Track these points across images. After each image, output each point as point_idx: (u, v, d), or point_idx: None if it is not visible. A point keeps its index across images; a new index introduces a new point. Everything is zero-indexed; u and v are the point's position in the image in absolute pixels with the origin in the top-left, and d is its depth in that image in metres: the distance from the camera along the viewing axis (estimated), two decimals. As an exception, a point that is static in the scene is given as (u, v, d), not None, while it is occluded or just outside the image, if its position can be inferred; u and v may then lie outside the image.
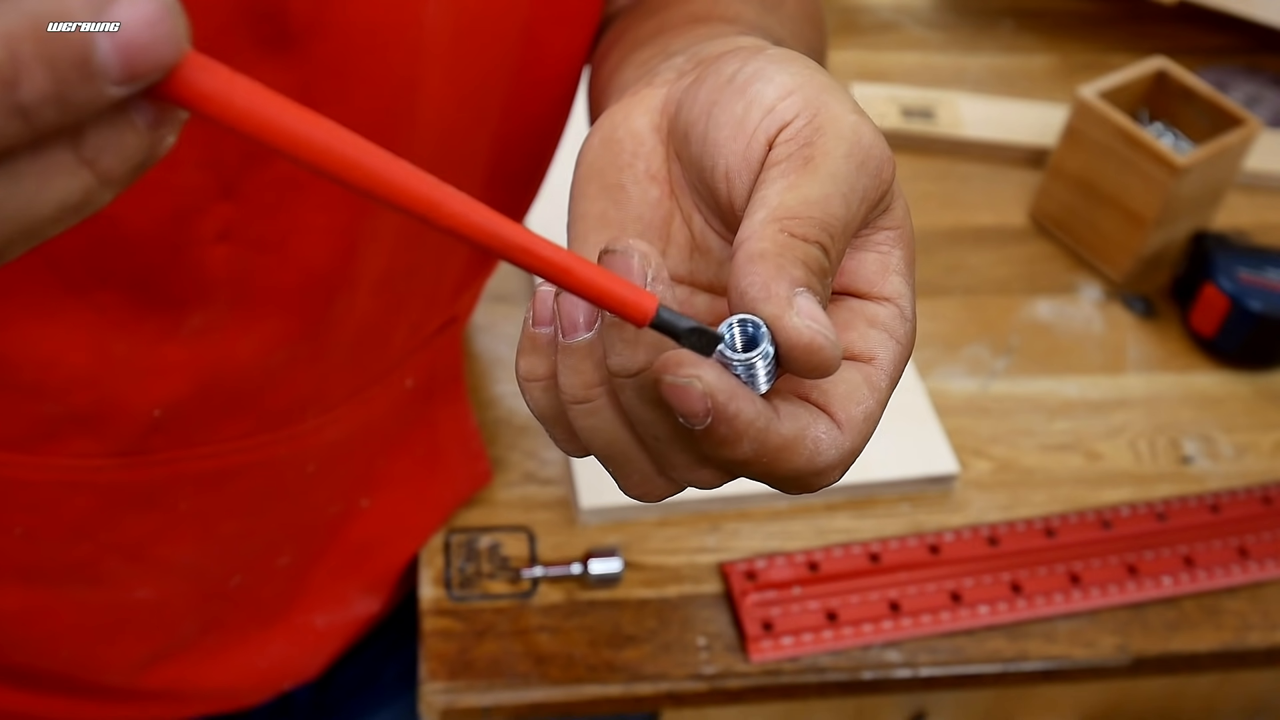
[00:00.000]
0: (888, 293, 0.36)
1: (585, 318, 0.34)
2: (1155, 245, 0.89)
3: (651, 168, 0.40)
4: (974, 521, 0.76)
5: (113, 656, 0.64)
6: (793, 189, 0.34)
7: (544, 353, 0.36)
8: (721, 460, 0.33)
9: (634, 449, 0.36)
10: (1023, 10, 1.15)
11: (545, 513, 0.73)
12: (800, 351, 0.32)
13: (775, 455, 0.33)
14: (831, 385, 0.34)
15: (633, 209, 0.40)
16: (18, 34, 0.23)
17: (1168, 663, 0.72)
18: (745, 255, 0.33)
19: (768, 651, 0.68)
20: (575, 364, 0.35)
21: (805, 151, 0.34)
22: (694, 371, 0.31)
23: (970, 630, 0.71)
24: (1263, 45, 1.12)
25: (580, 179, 0.41)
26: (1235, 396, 0.85)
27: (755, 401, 0.32)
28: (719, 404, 0.31)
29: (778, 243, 0.32)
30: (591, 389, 0.35)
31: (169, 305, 0.49)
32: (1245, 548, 0.76)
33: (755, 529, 0.74)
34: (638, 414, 0.34)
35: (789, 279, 0.32)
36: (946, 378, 0.83)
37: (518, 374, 0.37)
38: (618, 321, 0.33)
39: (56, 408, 0.51)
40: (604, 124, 0.41)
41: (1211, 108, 0.90)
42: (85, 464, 0.53)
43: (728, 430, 0.32)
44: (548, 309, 0.36)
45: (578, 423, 0.36)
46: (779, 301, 0.32)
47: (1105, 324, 0.89)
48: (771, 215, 0.33)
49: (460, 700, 0.66)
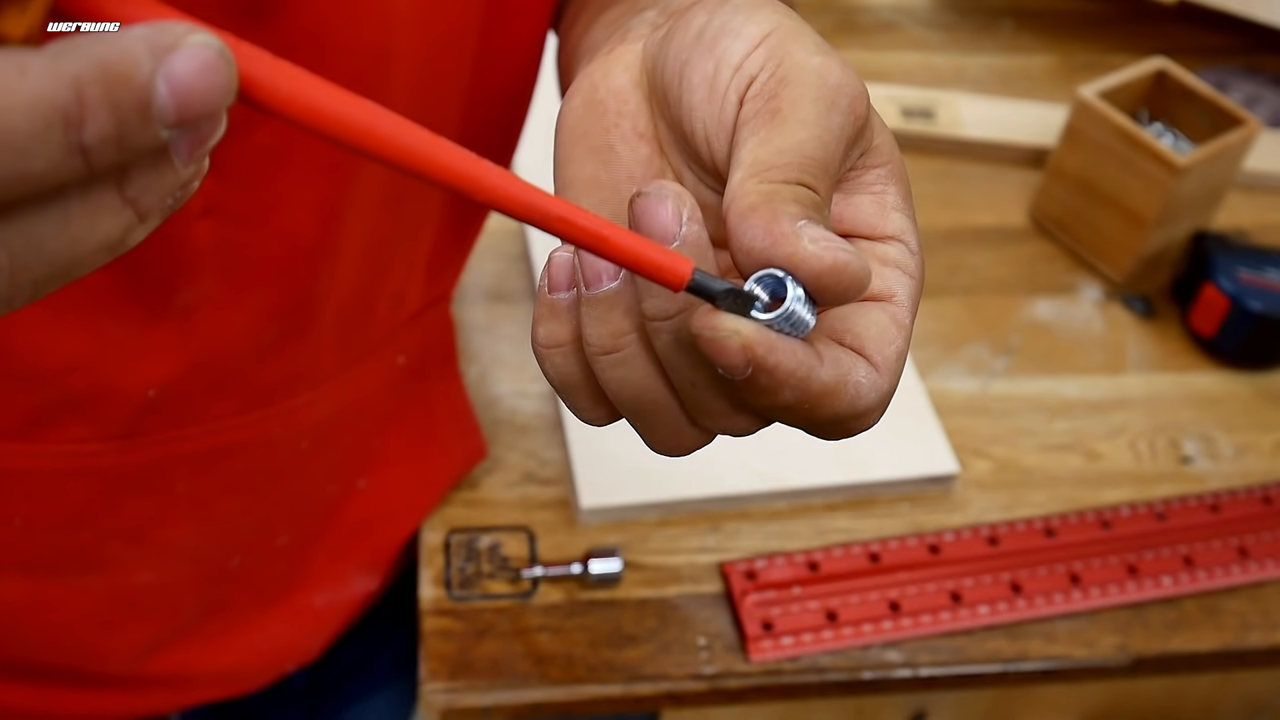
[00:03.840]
0: (891, 230, 0.36)
1: (610, 266, 0.34)
2: (1155, 245, 0.89)
3: (638, 125, 0.39)
4: (974, 521, 0.76)
5: (115, 645, 0.64)
6: (765, 143, 0.33)
7: (563, 318, 0.35)
8: (763, 408, 0.33)
9: (665, 398, 0.35)
10: (1023, 10, 1.15)
11: (545, 513, 0.73)
12: (828, 276, 0.31)
13: (817, 401, 0.32)
14: (863, 328, 0.34)
15: (624, 169, 0.39)
16: (85, 77, 0.24)
17: (1168, 663, 0.72)
18: (736, 215, 0.32)
19: (768, 651, 0.68)
20: (602, 314, 0.34)
21: (772, 105, 0.34)
22: (731, 325, 0.31)
23: (970, 630, 0.71)
24: (1263, 45, 1.12)
25: (564, 144, 0.40)
26: (1235, 396, 0.85)
27: (796, 350, 0.32)
28: (758, 356, 0.31)
29: (762, 192, 0.32)
30: (621, 338, 0.34)
31: (157, 284, 0.49)
32: (1245, 548, 0.76)
33: (755, 529, 0.74)
34: (673, 360, 0.34)
35: (788, 216, 0.31)
36: (946, 378, 0.83)
37: (536, 343, 0.36)
38: None
39: (52, 393, 0.51)
40: (582, 85, 0.40)
41: (1211, 108, 0.90)
42: (82, 449, 0.54)
43: (769, 380, 0.31)
44: (565, 273, 0.35)
45: (605, 375, 0.35)
46: (787, 239, 0.31)
47: (1105, 324, 0.89)
48: (748, 173, 0.33)
49: (460, 700, 0.66)
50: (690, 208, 0.32)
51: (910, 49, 1.10)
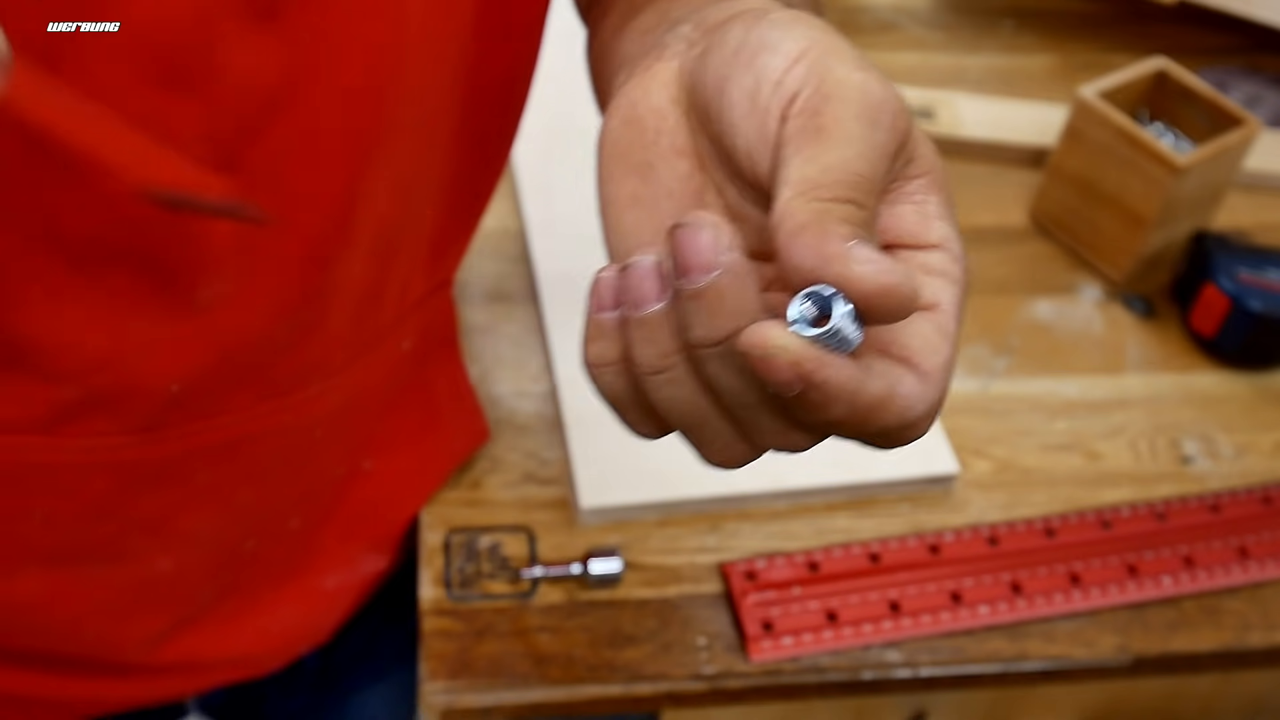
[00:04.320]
0: (934, 239, 0.36)
1: (655, 289, 0.34)
2: (1155, 245, 0.89)
3: (677, 143, 0.40)
4: (974, 521, 0.76)
5: (131, 632, 0.64)
6: (811, 161, 0.34)
7: (611, 337, 0.36)
8: (814, 423, 0.34)
9: (715, 416, 0.36)
10: (1023, 10, 1.15)
11: (545, 513, 0.73)
12: (876, 297, 0.31)
13: (867, 414, 0.33)
14: (908, 339, 0.35)
15: (663, 185, 0.40)
16: None
17: (1168, 663, 0.72)
18: (785, 235, 0.32)
19: (768, 651, 0.68)
20: (649, 335, 0.35)
21: (816, 122, 0.34)
22: (780, 343, 0.31)
23: (970, 630, 0.71)
24: (1263, 45, 1.12)
25: (605, 162, 0.41)
26: (1235, 396, 0.85)
27: (845, 365, 0.32)
28: (807, 372, 0.31)
29: (811, 211, 0.32)
30: (668, 358, 0.35)
31: (179, 282, 0.49)
32: (1245, 548, 0.76)
33: (755, 529, 0.74)
34: (723, 382, 0.34)
35: (837, 236, 0.32)
36: (946, 378, 0.83)
37: (586, 362, 0.37)
38: (696, 292, 0.33)
39: (76, 390, 0.52)
40: (621, 105, 0.41)
41: (1211, 108, 0.90)
42: (104, 443, 0.54)
43: (819, 396, 0.32)
44: (610, 293, 0.36)
45: (655, 394, 0.36)
46: (838, 259, 0.31)
47: (1105, 324, 0.89)
48: (796, 191, 0.33)
49: (460, 700, 0.66)
50: (729, 236, 0.33)
51: (910, 49, 1.10)
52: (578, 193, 0.89)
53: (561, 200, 0.88)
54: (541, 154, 0.91)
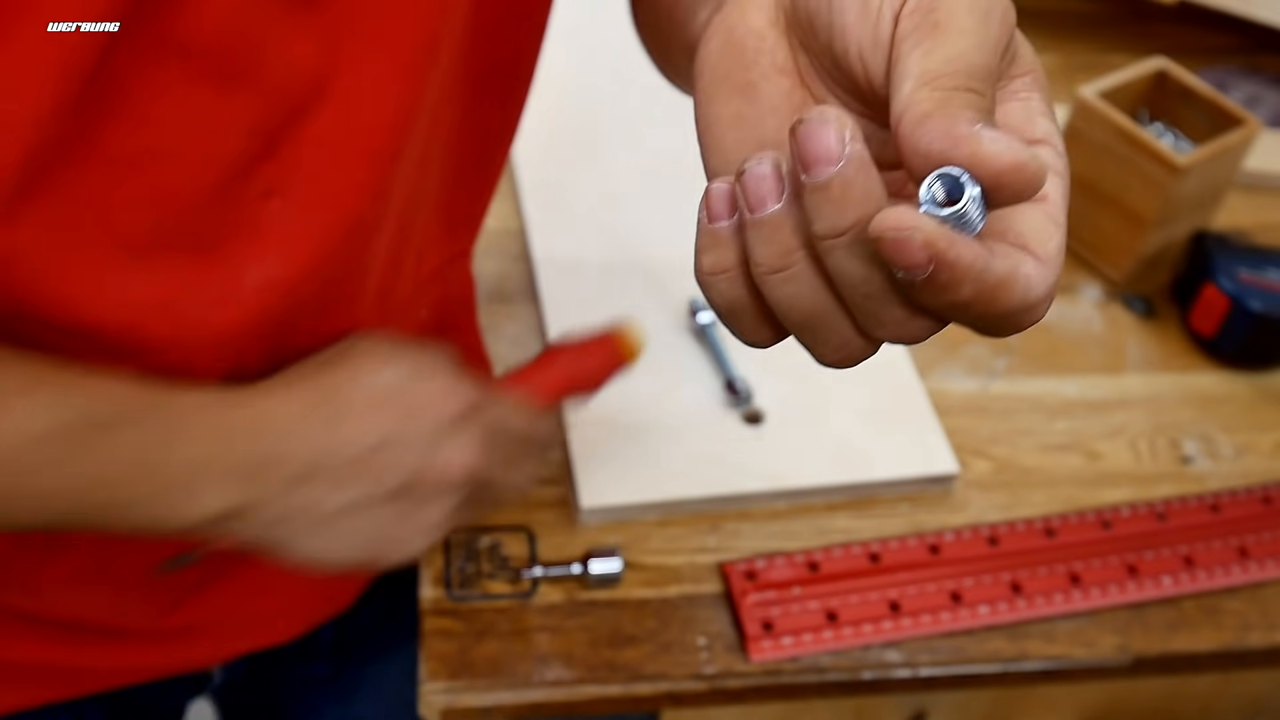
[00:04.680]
0: (1039, 134, 0.37)
1: (774, 189, 0.35)
2: (1155, 245, 0.89)
3: (777, 61, 0.41)
4: (974, 521, 0.76)
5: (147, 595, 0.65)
6: (930, 53, 0.35)
7: (726, 245, 0.37)
8: (940, 306, 0.34)
9: (835, 312, 0.36)
10: (1023, 10, 1.14)
11: (545, 513, 0.73)
12: (1009, 174, 0.32)
13: (993, 294, 0.34)
14: (1023, 226, 0.36)
15: (767, 102, 0.41)
16: None
17: (1168, 663, 0.72)
18: (911, 121, 0.33)
19: (768, 651, 0.68)
20: (769, 235, 0.35)
21: (931, 18, 0.36)
22: (913, 223, 0.32)
23: (970, 630, 0.71)
24: (1263, 45, 1.12)
25: (706, 85, 0.42)
26: (1235, 396, 0.85)
27: (973, 244, 0.33)
28: (939, 251, 0.32)
29: (935, 99, 0.33)
30: (790, 255, 0.36)
31: (228, 266, 0.50)
32: (1245, 548, 0.76)
33: (755, 529, 0.74)
34: (846, 274, 0.35)
35: (964, 120, 0.33)
36: (946, 378, 0.83)
37: (701, 271, 0.38)
38: (820, 185, 0.33)
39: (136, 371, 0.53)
40: (719, 30, 0.42)
41: (1211, 108, 0.90)
42: None
43: (949, 276, 0.33)
44: (724, 201, 0.37)
45: (775, 293, 0.36)
46: (967, 140, 0.32)
47: (1105, 324, 0.89)
48: (919, 81, 0.34)
49: (460, 700, 0.66)
50: (851, 128, 0.33)
51: (910, 49, 1.10)
52: (578, 192, 0.89)
53: (562, 199, 0.88)
54: (541, 154, 0.91)
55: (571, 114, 0.95)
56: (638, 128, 0.94)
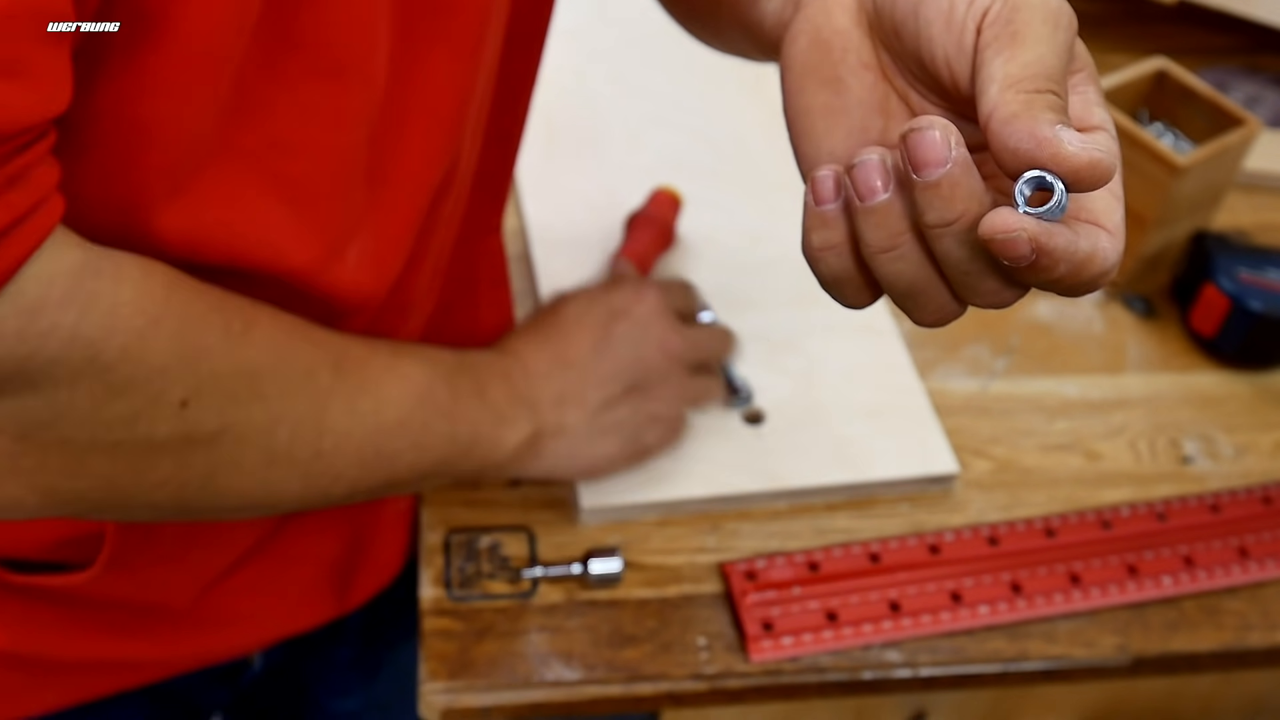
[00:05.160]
0: (1096, 121, 0.42)
1: (883, 181, 0.40)
2: (1155, 245, 0.89)
3: (863, 58, 0.47)
4: (974, 521, 0.76)
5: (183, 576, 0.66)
6: (1012, 59, 0.40)
7: (833, 225, 0.42)
8: (1035, 281, 0.40)
9: (936, 283, 0.42)
10: (1023, 10, 1.15)
11: (545, 513, 0.73)
12: (1086, 171, 0.38)
13: (1081, 268, 0.39)
14: (1095, 204, 0.41)
15: (854, 95, 0.47)
16: None
17: (1168, 663, 0.72)
18: (1000, 121, 0.39)
19: (768, 651, 0.68)
20: (879, 220, 0.41)
21: (1010, 29, 0.41)
22: (1018, 225, 0.37)
23: (970, 630, 0.71)
24: (1263, 45, 1.12)
25: (795, 78, 0.48)
26: (1235, 396, 0.85)
27: (1064, 232, 0.38)
28: (1041, 244, 0.37)
29: (1021, 101, 0.39)
30: (898, 237, 0.41)
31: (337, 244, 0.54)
32: (1245, 548, 0.76)
33: (755, 529, 0.74)
34: (953, 255, 0.40)
35: (1046, 121, 0.38)
36: (946, 378, 0.83)
37: (809, 248, 0.43)
38: (931, 184, 0.39)
39: None
40: (804, 28, 0.48)
41: (1211, 108, 0.90)
42: None
43: (1049, 261, 0.38)
44: (829, 187, 0.42)
45: (882, 269, 0.42)
46: (1050, 143, 0.38)
47: (1105, 324, 0.89)
48: (1004, 84, 0.39)
49: (460, 700, 0.66)
50: (955, 134, 0.39)
51: (910, 49, 1.10)
52: (578, 193, 0.89)
53: (562, 200, 0.88)
54: (541, 154, 0.91)
55: (571, 114, 0.95)
56: (638, 128, 0.94)
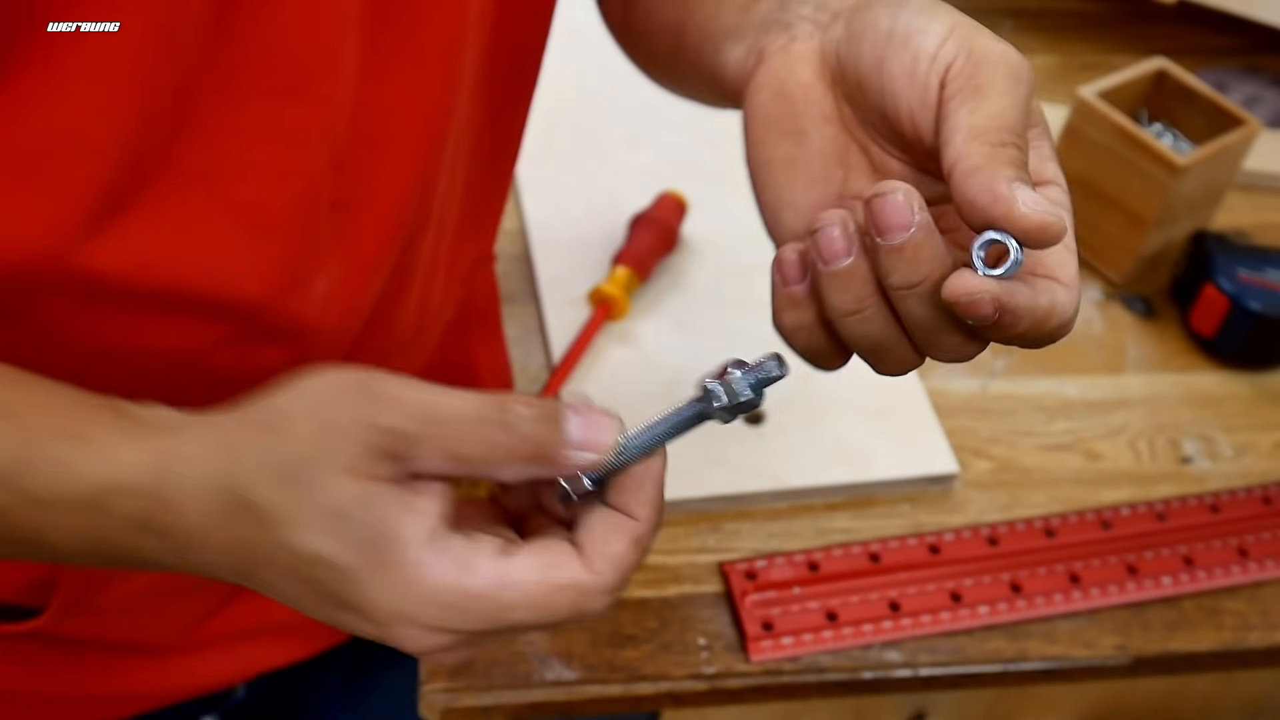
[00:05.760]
0: (1048, 176, 0.44)
1: (845, 246, 0.42)
2: (1155, 245, 0.89)
3: (825, 110, 0.48)
4: (974, 521, 0.76)
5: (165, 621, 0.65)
6: (975, 112, 0.41)
7: (802, 305, 0.44)
8: (997, 337, 0.41)
9: (900, 340, 0.43)
10: (1023, 10, 1.15)
11: (545, 513, 0.73)
12: (1036, 232, 0.39)
13: (1040, 323, 0.41)
14: (1050, 258, 0.42)
15: (815, 146, 0.48)
16: None
17: (1168, 663, 0.72)
18: (962, 173, 0.40)
19: (768, 651, 0.68)
20: (844, 284, 0.42)
21: (973, 83, 0.42)
22: (980, 287, 0.39)
23: (970, 630, 0.71)
24: (1263, 45, 1.12)
25: (757, 130, 0.49)
26: (1235, 396, 0.85)
27: (1023, 289, 0.40)
28: (1004, 303, 0.39)
29: (983, 154, 0.40)
30: (863, 300, 0.42)
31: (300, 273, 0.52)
32: (1245, 548, 0.76)
33: (755, 529, 0.74)
34: (917, 315, 0.42)
35: (1004, 178, 0.39)
36: (946, 378, 0.83)
37: (783, 328, 0.45)
38: (897, 247, 0.40)
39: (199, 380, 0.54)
40: (768, 81, 0.49)
41: (1211, 108, 0.90)
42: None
43: (1010, 319, 0.40)
44: (795, 268, 0.44)
45: (849, 331, 0.43)
46: (1005, 201, 0.39)
47: (1105, 324, 0.89)
48: (968, 135, 0.41)
49: (460, 700, 0.66)
50: (918, 199, 0.40)
51: (910, 49, 1.10)
52: (578, 193, 0.89)
53: (561, 201, 0.88)
54: (541, 154, 0.91)
55: (571, 114, 0.95)
56: (638, 128, 0.94)
